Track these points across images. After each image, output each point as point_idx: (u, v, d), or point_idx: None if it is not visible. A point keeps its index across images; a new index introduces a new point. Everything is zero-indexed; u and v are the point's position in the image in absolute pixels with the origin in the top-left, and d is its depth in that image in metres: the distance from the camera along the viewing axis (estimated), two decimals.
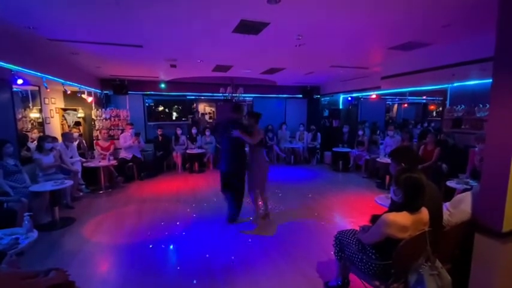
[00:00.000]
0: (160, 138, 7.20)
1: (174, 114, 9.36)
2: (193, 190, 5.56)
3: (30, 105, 5.39)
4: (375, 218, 1.98)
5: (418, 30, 3.35)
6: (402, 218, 1.75)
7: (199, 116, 10.89)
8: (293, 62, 5.34)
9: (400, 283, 1.80)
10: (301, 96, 9.18)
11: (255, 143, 3.68)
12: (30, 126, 5.28)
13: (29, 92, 5.30)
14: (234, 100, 7.59)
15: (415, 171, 1.83)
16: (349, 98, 8.75)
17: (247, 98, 8.95)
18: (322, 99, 9.41)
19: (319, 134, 8.31)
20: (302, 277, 2.61)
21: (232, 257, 2.98)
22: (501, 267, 1.74)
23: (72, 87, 5.48)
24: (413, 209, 1.78)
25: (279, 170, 7.49)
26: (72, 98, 6.21)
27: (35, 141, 4.67)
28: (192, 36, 3.58)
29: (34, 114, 5.42)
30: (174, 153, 7.20)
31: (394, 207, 1.89)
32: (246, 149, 3.86)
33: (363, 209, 4.35)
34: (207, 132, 7.66)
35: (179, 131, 7.42)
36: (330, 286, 2.39)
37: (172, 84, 7.93)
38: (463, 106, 5.36)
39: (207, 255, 3.01)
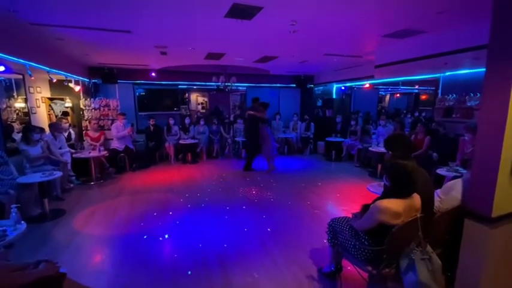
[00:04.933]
0: (152, 128, 7.07)
1: (166, 104, 9.14)
2: (187, 181, 5.53)
3: (15, 94, 5.17)
4: (365, 208, 2.01)
5: (412, 17, 3.32)
6: (395, 204, 1.77)
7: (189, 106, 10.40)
8: (287, 50, 5.25)
9: (391, 268, 1.85)
10: (294, 85, 9.11)
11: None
12: (15, 116, 5.09)
13: (13, 80, 5.07)
14: (227, 90, 7.47)
15: (406, 159, 1.84)
16: (343, 88, 8.74)
17: (240, 88, 8.83)
18: (316, 88, 9.37)
19: (312, 124, 8.32)
20: (296, 264, 2.64)
21: (226, 246, 3.00)
22: (489, 250, 1.79)
23: (58, 75, 5.28)
24: (403, 195, 1.80)
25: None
26: (59, 87, 5.99)
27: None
28: (183, 20, 3.46)
29: (19, 104, 5.21)
30: (167, 144, 7.10)
31: (385, 193, 1.92)
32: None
33: (356, 197, 4.42)
34: (201, 122, 7.57)
35: (171, 121, 7.30)
36: (324, 272, 2.44)
37: (164, 73, 7.73)
38: (454, 95, 5.41)
39: (201, 245, 3.01)
